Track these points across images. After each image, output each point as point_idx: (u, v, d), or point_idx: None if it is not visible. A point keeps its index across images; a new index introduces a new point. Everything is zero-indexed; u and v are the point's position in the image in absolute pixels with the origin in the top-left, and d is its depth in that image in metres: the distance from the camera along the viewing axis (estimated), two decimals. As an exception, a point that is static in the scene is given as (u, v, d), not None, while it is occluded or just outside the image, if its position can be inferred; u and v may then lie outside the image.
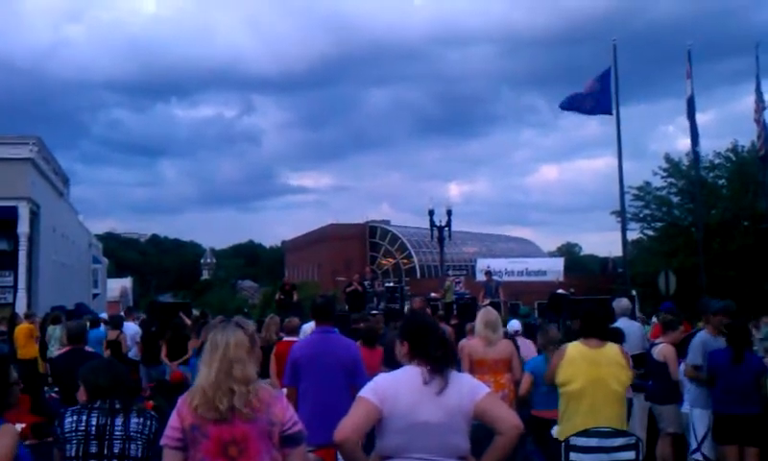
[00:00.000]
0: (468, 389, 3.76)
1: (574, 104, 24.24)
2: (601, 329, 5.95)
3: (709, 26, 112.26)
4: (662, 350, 8.32)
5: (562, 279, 37.35)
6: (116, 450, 4.02)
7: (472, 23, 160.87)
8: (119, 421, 4.07)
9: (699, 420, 7.47)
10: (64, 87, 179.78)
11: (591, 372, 5.62)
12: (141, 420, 4.13)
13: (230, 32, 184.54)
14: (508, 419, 3.72)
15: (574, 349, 5.81)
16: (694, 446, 7.51)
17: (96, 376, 4.26)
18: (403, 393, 3.67)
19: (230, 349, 3.57)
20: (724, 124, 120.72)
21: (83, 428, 4.04)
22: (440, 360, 3.73)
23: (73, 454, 4.01)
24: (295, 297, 20.85)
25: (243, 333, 3.70)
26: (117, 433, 4.04)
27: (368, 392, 3.70)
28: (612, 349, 5.81)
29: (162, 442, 3.59)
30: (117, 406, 4.12)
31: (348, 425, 3.60)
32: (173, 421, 3.56)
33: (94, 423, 4.05)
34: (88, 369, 4.40)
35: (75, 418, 4.09)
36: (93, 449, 4.01)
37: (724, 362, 7.15)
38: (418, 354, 3.80)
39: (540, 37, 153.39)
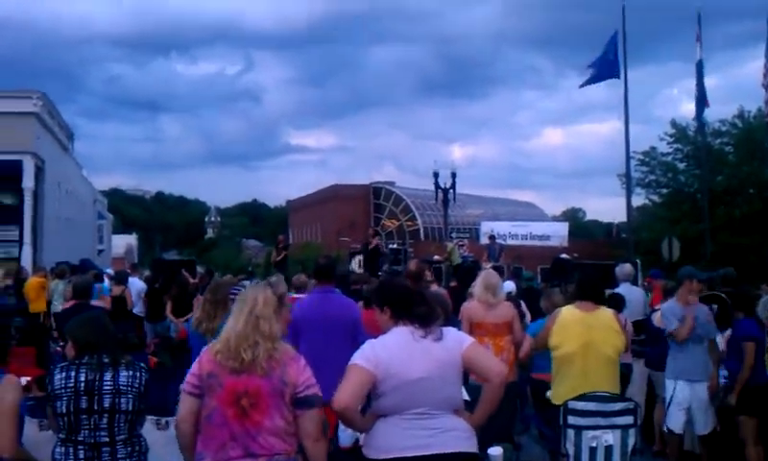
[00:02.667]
0: (453, 341, 3.91)
1: (590, 80, 24.22)
2: (596, 293, 5.98)
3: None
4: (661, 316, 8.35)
5: (566, 243, 37.41)
6: (106, 405, 4.05)
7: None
8: (108, 375, 4.09)
9: (666, 390, 7.46)
10: (64, 42, 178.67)
11: (584, 335, 5.65)
12: (131, 373, 4.16)
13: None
14: (493, 367, 3.92)
15: (567, 312, 5.85)
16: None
17: (83, 331, 4.29)
18: (395, 354, 3.79)
19: (259, 305, 3.71)
20: (728, 89, 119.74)
21: (72, 384, 4.06)
22: (426, 316, 3.88)
23: (64, 410, 4.04)
24: (282, 255, 21.00)
25: (272, 292, 3.83)
26: (107, 388, 4.06)
27: (360, 358, 3.81)
28: (605, 313, 5.84)
29: (182, 387, 3.71)
30: (106, 361, 4.15)
31: (346, 393, 3.70)
32: (193, 368, 3.69)
33: (83, 378, 4.07)
34: (75, 324, 4.44)
35: (64, 374, 4.11)
36: (83, 405, 4.04)
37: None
38: (402, 316, 3.92)
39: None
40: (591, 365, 5.59)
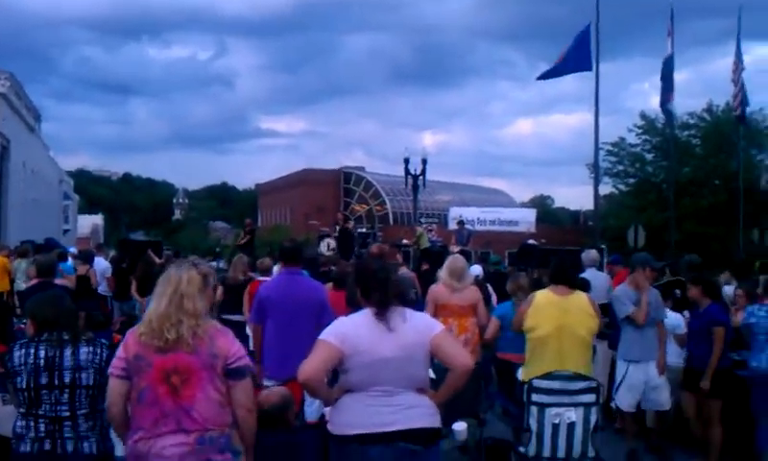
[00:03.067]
0: (424, 325, 4.00)
1: (552, 73, 24.33)
2: (570, 278, 6.08)
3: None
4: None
5: (533, 229, 37.69)
6: (67, 380, 4.05)
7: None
8: (68, 351, 4.09)
9: (618, 370, 7.53)
10: (34, 22, 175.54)
11: (559, 318, 5.76)
12: (91, 349, 4.16)
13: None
14: (459, 357, 3.97)
15: (542, 296, 5.95)
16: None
17: (42, 309, 4.29)
18: (362, 333, 3.86)
19: (183, 283, 3.72)
20: (695, 84, 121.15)
21: (31, 361, 4.06)
22: (380, 302, 3.92)
23: (24, 386, 4.04)
24: (247, 238, 21.03)
25: (196, 272, 3.84)
26: (67, 364, 4.06)
27: (328, 334, 3.89)
28: (579, 297, 5.96)
29: (108, 371, 3.74)
30: (65, 337, 4.14)
31: (311, 366, 3.79)
32: (119, 351, 3.70)
33: (43, 355, 4.07)
34: (34, 302, 4.47)
35: (23, 351, 4.11)
36: (44, 381, 4.04)
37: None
38: (365, 298, 4.01)
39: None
40: (566, 347, 5.72)
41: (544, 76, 24.95)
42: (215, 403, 3.64)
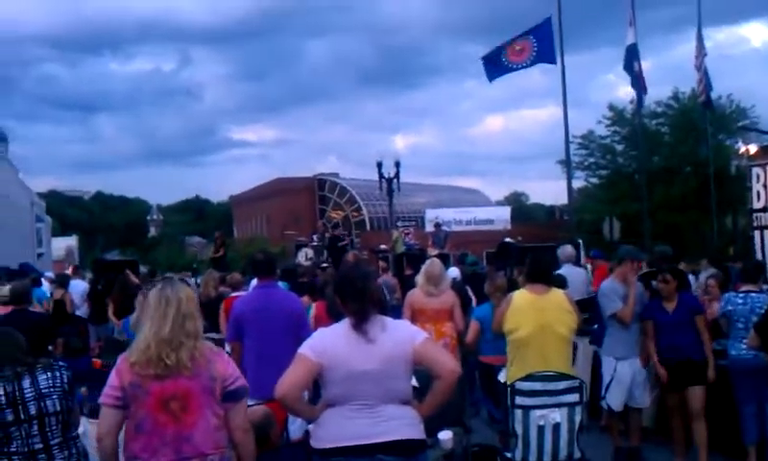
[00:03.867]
0: (405, 335, 3.90)
1: (502, 69, 23.81)
2: (546, 276, 6.08)
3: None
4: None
5: (509, 227, 37.83)
6: (33, 412, 3.98)
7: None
8: (27, 382, 4.02)
9: (605, 368, 7.39)
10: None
11: (538, 318, 5.76)
12: (50, 374, 4.09)
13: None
14: (446, 363, 3.87)
15: (520, 296, 5.95)
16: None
17: None
18: (340, 345, 3.79)
19: (183, 303, 3.59)
20: (659, 72, 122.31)
21: None
22: (356, 313, 3.84)
23: None
24: (221, 251, 20.88)
25: (191, 289, 3.73)
26: (28, 395, 3.99)
27: (305, 348, 3.83)
28: (557, 294, 5.96)
29: (101, 400, 3.57)
30: (19, 370, 4.06)
31: (287, 382, 3.73)
32: (111, 379, 3.54)
33: (2, 392, 3.98)
34: None
35: None
36: (10, 418, 3.96)
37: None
38: (344, 308, 3.94)
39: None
40: (548, 346, 5.72)
41: (495, 75, 24.18)
42: (213, 427, 3.57)
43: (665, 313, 7.12)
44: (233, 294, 9.57)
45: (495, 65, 23.57)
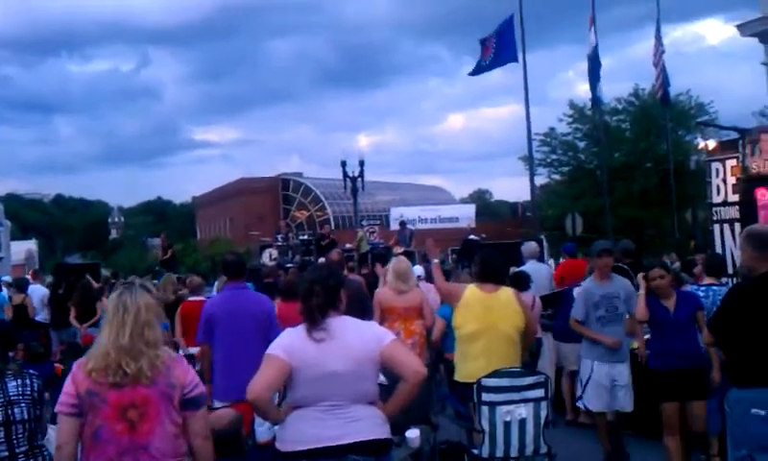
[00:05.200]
0: (372, 336, 3.89)
1: (481, 69, 24.42)
2: (497, 274, 6.07)
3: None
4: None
5: (473, 225, 38.03)
6: (0, 419, 3.92)
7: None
8: None
9: (582, 369, 7.15)
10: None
11: (485, 316, 5.77)
12: (20, 381, 4.03)
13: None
14: (411, 365, 3.86)
15: (470, 292, 5.94)
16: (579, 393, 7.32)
17: None
18: (309, 345, 3.76)
19: (142, 311, 3.51)
20: (618, 69, 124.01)
21: None
22: (308, 314, 3.84)
23: None
24: (169, 253, 20.72)
25: (151, 296, 3.66)
26: None
27: (275, 348, 3.81)
28: (505, 293, 5.95)
29: (56, 409, 3.48)
30: None
31: (259, 383, 3.69)
32: (67, 387, 3.45)
33: None
34: None
35: None
36: None
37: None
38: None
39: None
40: (493, 345, 5.72)
41: (475, 72, 25.04)
42: (172, 435, 3.50)
43: (665, 312, 6.43)
44: (192, 298, 9.52)
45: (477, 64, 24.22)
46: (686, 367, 6.24)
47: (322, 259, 13.68)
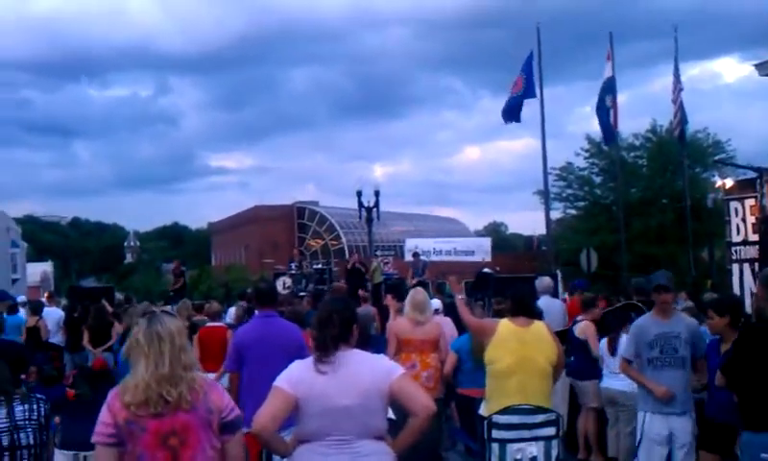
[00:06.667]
0: (382, 370, 3.86)
1: (514, 111, 24.05)
2: (529, 309, 6.04)
3: (623, 9, 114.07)
4: (583, 327, 8.56)
5: (489, 258, 37.94)
6: (5, 443, 3.92)
7: (384, 5, 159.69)
8: (2, 412, 3.96)
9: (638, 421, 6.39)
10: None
11: (519, 350, 5.69)
12: (26, 406, 4.04)
13: (140, 10, 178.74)
14: (420, 400, 3.81)
15: (504, 327, 5.86)
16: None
17: None
18: (317, 378, 3.75)
19: (176, 337, 3.49)
20: (636, 104, 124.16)
21: None
22: (318, 347, 3.84)
23: None
24: (180, 282, 20.72)
25: (179, 321, 3.68)
26: (3, 425, 3.93)
27: (281, 380, 3.80)
28: (538, 326, 5.91)
29: (94, 439, 3.43)
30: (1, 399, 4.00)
31: (264, 415, 3.69)
32: (104, 416, 3.41)
33: None
34: None
35: None
36: None
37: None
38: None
39: (450, 20, 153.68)
40: (528, 378, 5.61)
41: (508, 116, 24.42)
42: (211, 460, 3.49)
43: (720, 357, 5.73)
44: (210, 323, 9.54)
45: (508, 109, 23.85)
46: (731, 421, 5.57)
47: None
